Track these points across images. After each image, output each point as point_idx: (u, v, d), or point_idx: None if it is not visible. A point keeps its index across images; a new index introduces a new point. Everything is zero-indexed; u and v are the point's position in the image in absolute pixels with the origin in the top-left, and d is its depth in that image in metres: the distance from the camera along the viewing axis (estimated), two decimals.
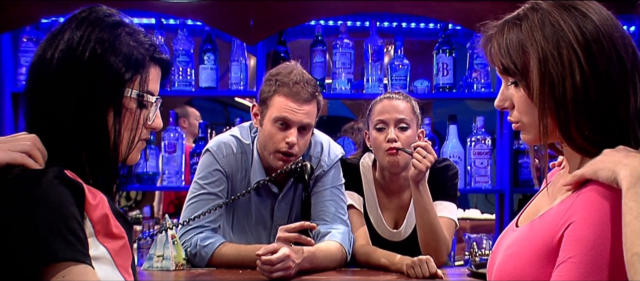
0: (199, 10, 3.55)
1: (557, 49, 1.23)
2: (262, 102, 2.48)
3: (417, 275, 2.31)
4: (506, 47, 1.28)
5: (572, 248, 1.18)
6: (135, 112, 1.39)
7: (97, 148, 1.35)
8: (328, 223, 2.53)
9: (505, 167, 3.79)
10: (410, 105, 2.60)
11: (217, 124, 4.53)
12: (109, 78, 1.34)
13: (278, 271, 2.22)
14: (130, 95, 1.37)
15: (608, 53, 1.23)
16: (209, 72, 3.72)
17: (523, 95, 1.28)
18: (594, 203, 1.19)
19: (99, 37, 1.35)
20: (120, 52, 1.36)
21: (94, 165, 1.36)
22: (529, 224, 1.29)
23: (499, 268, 1.29)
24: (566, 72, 1.22)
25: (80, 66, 1.33)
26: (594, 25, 1.24)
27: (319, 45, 3.77)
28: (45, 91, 1.34)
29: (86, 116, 1.33)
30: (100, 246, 1.31)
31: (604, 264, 1.16)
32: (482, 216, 4.67)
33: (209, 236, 2.48)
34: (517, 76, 1.28)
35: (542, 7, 1.27)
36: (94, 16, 1.38)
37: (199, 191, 2.53)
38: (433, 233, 2.51)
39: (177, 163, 3.72)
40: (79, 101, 1.32)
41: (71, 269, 1.23)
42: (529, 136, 1.32)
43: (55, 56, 1.34)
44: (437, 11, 3.69)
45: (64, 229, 1.23)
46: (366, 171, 2.70)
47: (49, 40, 1.37)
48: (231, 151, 2.55)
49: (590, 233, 1.17)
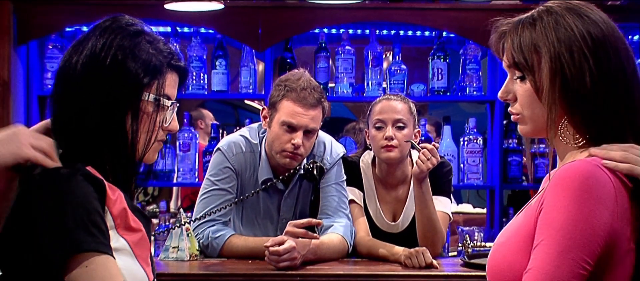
0: (211, 19, 3.55)
1: (569, 51, 1.24)
2: (271, 105, 2.49)
3: (414, 265, 2.31)
4: (519, 44, 1.28)
5: (543, 232, 1.17)
6: (152, 115, 1.38)
7: (116, 147, 1.35)
8: (331, 217, 2.54)
9: (495, 165, 3.78)
10: (407, 106, 2.60)
11: (228, 124, 4.54)
12: (128, 82, 1.34)
13: (284, 261, 2.23)
14: (147, 99, 1.36)
15: (613, 60, 1.24)
16: (221, 76, 3.72)
17: (527, 89, 1.29)
18: (562, 184, 1.18)
19: (120, 44, 1.35)
20: (140, 59, 1.35)
21: (113, 163, 1.35)
22: (517, 217, 1.30)
23: (491, 257, 1.29)
24: (577, 73, 1.23)
25: (102, 71, 1.33)
26: (602, 32, 1.25)
27: (323, 52, 3.77)
28: (70, 93, 1.34)
29: (107, 118, 1.33)
30: (121, 239, 1.31)
31: (573, 244, 1.15)
32: (474, 210, 4.67)
33: (220, 229, 2.48)
34: (527, 71, 1.28)
35: (556, 11, 1.28)
36: (117, 25, 1.38)
37: (211, 187, 2.53)
38: (431, 226, 2.51)
39: (191, 161, 3.72)
40: (100, 103, 1.33)
41: (94, 259, 1.23)
42: (526, 128, 1.33)
43: (80, 61, 1.34)
44: (432, 20, 3.69)
45: (87, 222, 1.23)
46: (366, 168, 2.70)
47: (74, 47, 1.37)
48: (240, 150, 2.55)
49: (558, 214, 1.16)
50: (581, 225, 1.15)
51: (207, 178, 2.57)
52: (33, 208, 1.26)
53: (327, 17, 3.66)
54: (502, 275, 1.24)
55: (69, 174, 1.27)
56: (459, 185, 3.78)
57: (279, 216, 2.59)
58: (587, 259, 1.15)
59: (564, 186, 1.18)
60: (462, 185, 3.81)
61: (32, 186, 1.27)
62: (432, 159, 2.44)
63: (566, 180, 1.18)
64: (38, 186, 1.27)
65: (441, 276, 2.26)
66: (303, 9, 3.62)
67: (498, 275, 1.25)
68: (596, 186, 1.17)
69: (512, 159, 3.75)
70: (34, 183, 1.27)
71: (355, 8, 3.54)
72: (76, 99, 1.33)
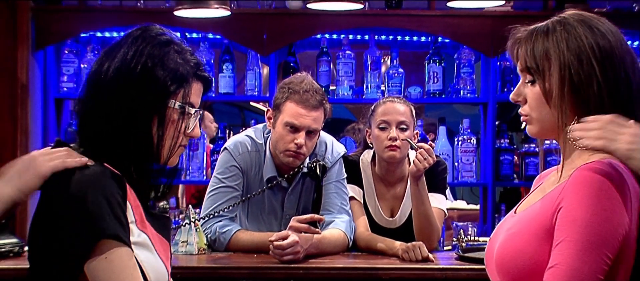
0: (218, 25, 3.55)
1: (578, 60, 1.25)
2: (275, 107, 2.48)
3: (411, 259, 2.31)
4: (532, 51, 1.30)
5: (566, 229, 1.18)
6: (177, 121, 1.37)
7: (140, 150, 1.34)
8: (332, 213, 2.53)
9: (488, 163, 3.78)
10: (409, 109, 2.60)
11: (234, 125, 4.52)
12: (156, 89, 1.34)
13: (288, 255, 2.23)
14: (173, 106, 1.36)
15: (619, 70, 1.26)
16: (228, 79, 3.72)
17: (537, 93, 1.30)
18: (583, 184, 1.19)
19: (150, 53, 1.35)
20: (168, 67, 1.35)
21: (136, 166, 1.35)
22: (529, 209, 1.30)
23: (501, 246, 1.29)
24: (585, 80, 1.25)
25: (131, 77, 1.33)
26: (610, 44, 1.27)
27: (324, 56, 3.77)
28: (100, 97, 1.34)
29: (133, 122, 1.33)
30: (142, 234, 1.31)
31: (598, 240, 1.16)
32: (467, 206, 4.66)
33: (227, 225, 2.48)
34: (537, 75, 1.29)
35: (569, 22, 1.29)
36: (148, 34, 1.38)
37: (218, 184, 2.53)
38: (427, 222, 2.51)
39: (199, 160, 3.72)
40: (128, 107, 1.32)
41: (115, 250, 1.23)
42: (533, 129, 1.34)
43: (111, 67, 1.34)
44: (428, 26, 3.69)
45: (111, 211, 1.23)
46: (365, 166, 2.69)
47: (106, 53, 1.37)
48: (246, 149, 2.55)
49: (582, 212, 1.17)
50: (603, 223, 1.16)
51: (214, 176, 2.57)
52: (56, 202, 1.26)
53: (329, 23, 3.66)
54: (515, 262, 1.24)
55: (91, 170, 1.27)
56: (454, 183, 3.77)
57: (283, 212, 2.59)
58: (609, 255, 1.17)
59: (584, 186, 1.19)
60: (457, 183, 3.80)
61: (54, 183, 1.28)
62: (428, 159, 2.44)
63: (586, 180, 1.19)
64: (61, 180, 1.27)
65: (437, 270, 2.26)
66: (306, 15, 3.62)
67: (510, 262, 1.25)
68: (614, 187, 1.18)
69: (504, 158, 3.75)
70: (57, 180, 1.28)
71: (355, 15, 3.54)
72: (106, 103, 1.33)
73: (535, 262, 1.20)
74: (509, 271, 1.25)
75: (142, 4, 3.72)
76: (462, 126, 3.75)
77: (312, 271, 2.22)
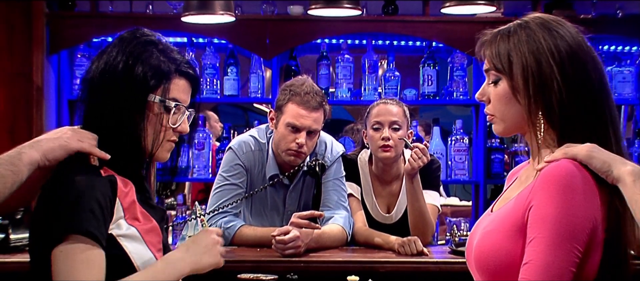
0: (223, 30, 3.54)
1: (537, 62, 1.25)
2: (277, 108, 2.48)
3: (407, 252, 2.31)
4: (497, 53, 1.30)
5: (537, 226, 1.18)
6: (159, 115, 1.38)
7: (126, 141, 1.36)
8: (332, 209, 2.53)
9: (480, 162, 3.78)
10: (402, 109, 2.60)
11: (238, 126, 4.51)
12: (136, 85, 1.35)
13: (289, 249, 2.23)
14: (153, 100, 1.37)
15: (579, 71, 1.25)
16: (232, 82, 3.72)
17: (499, 92, 1.30)
18: (551, 181, 1.19)
19: (131, 51, 1.36)
20: (148, 64, 1.36)
21: (124, 157, 1.36)
22: (503, 208, 1.30)
23: (478, 244, 1.29)
24: (545, 82, 1.24)
25: (114, 76, 1.35)
26: (569, 47, 1.26)
27: (324, 60, 3.77)
28: (91, 97, 1.37)
29: (118, 116, 1.34)
30: (131, 227, 1.32)
31: (567, 235, 1.16)
32: (460, 203, 4.65)
33: (232, 220, 2.48)
34: (503, 74, 1.29)
35: (530, 26, 1.29)
36: (132, 36, 1.40)
37: (223, 182, 2.52)
38: (421, 218, 2.51)
39: (205, 159, 3.72)
40: (113, 103, 1.34)
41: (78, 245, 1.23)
42: (498, 127, 1.34)
43: (98, 68, 1.37)
44: (422, 31, 3.69)
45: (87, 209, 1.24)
46: (363, 165, 2.69)
47: (97, 57, 1.40)
48: (250, 148, 2.55)
49: (551, 209, 1.17)
50: (571, 219, 1.16)
51: (220, 173, 2.56)
52: (47, 193, 1.29)
53: (328, 28, 3.65)
54: (491, 258, 1.24)
55: (83, 167, 1.29)
56: (447, 180, 3.77)
57: (285, 208, 2.59)
58: (579, 248, 1.17)
59: (552, 184, 1.19)
60: (450, 180, 3.80)
61: (61, 172, 1.30)
62: (423, 157, 2.44)
63: (554, 178, 1.19)
64: (55, 174, 1.29)
65: (431, 263, 2.25)
66: (306, 21, 3.62)
67: (487, 259, 1.25)
68: (580, 183, 1.19)
69: (495, 156, 3.74)
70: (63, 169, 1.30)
71: (354, 21, 3.53)
72: (96, 101, 1.36)
73: (511, 259, 1.20)
74: (488, 268, 1.25)
75: (151, 11, 3.72)
76: (455, 126, 3.74)
77: (312, 265, 2.22)
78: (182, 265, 1.33)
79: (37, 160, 1.26)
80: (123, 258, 1.29)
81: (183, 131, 1.42)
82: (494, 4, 2.94)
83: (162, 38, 1.42)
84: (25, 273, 1.36)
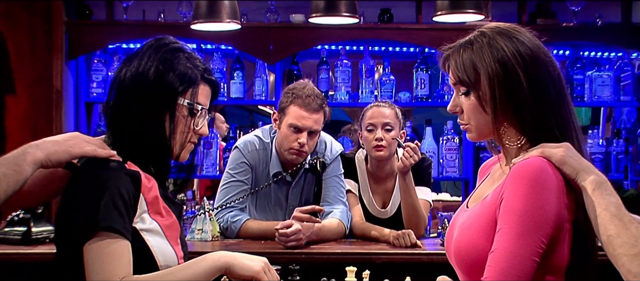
0: (230, 37, 3.54)
1: (503, 69, 1.23)
2: (280, 110, 2.47)
3: (401, 245, 2.30)
4: (462, 65, 1.27)
5: (505, 218, 1.17)
6: (186, 118, 1.38)
7: (155, 145, 1.35)
8: (331, 204, 2.52)
9: (469, 160, 3.78)
10: (394, 111, 2.59)
11: (244, 126, 4.51)
12: (167, 89, 1.35)
13: (292, 241, 2.22)
14: (182, 103, 1.37)
15: (541, 72, 1.23)
16: (238, 86, 3.72)
17: (471, 103, 1.28)
18: (521, 177, 1.18)
19: (162, 58, 1.36)
20: (177, 70, 1.36)
21: (152, 157, 1.36)
22: (479, 204, 1.28)
23: (456, 240, 1.28)
24: (513, 86, 1.22)
25: (146, 80, 1.34)
26: (530, 50, 1.24)
27: (324, 65, 3.77)
28: (122, 100, 1.36)
29: (149, 119, 1.34)
30: (153, 222, 1.31)
31: (533, 227, 1.15)
32: (451, 198, 4.65)
33: (238, 214, 2.47)
34: (470, 87, 1.27)
35: (488, 35, 1.27)
36: (161, 43, 1.40)
37: (229, 179, 2.52)
38: (414, 212, 2.50)
39: (213, 157, 3.72)
40: (145, 107, 1.34)
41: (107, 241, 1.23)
42: (472, 135, 1.32)
43: (129, 73, 1.36)
44: (416, 38, 3.69)
45: (112, 206, 1.24)
46: (360, 163, 2.69)
47: (126, 63, 1.39)
48: (255, 147, 2.54)
49: (519, 203, 1.16)
50: (537, 212, 1.16)
51: (226, 171, 2.56)
52: (77, 189, 1.28)
53: (328, 35, 3.65)
54: (468, 255, 1.24)
55: (112, 166, 1.28)
56: (439, 177, 3.77)
57: (287, 203, 2.58)
58: (543, 240, 1.16)
59: (522, 179, 1.18)
60: (441, 177, 3.80)
61: (82, 171, 1.29)
62: (414, 156, 2.44)
63: (523, 174, 1.18)
64: (82, 172, 1.29)
65: (424, 254, 2.25)
66: (307, 29, 3.62)
67: (464, 255, 1.25)
68: (547, 179, 1.18)
69: (484, 155, 3.74)
70: (84, 169, 1.30)
71: (351, 28, 3.53)
72: (126, 105, 1.35)
73: (486, 254, 1.19)
74: (466, 262, 1.24)
75: (162, 19, 3.71)
76: (446, 127, 3.74)
77: (313, 256, 2.22)
78: (218, 256, 1.28)
79: (41, 160, 1.24)
80: (145, 251, 1.29)
81: (204, 134, 1.42)
82: (482, 13, 2.95)
83: (186, 46, 1.43)
84: (47, 264, 1.36)
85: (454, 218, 1.36)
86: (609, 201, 1.15)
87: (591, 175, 1.18)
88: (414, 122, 4.45)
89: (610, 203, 1.15)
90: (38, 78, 3.53)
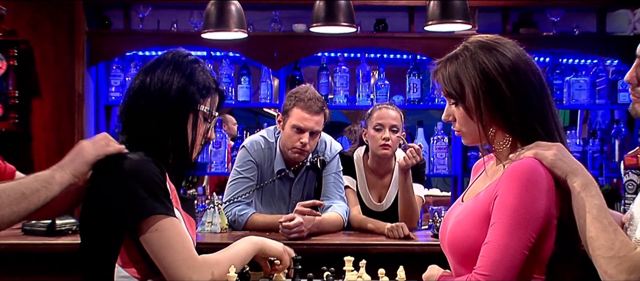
0: (238, 45, 3.54)
1: (486, 80, 1.23)
2: (284, 112, 2.47)
3: (395, 236, 2.30)
4: (448, 78, 1.28)
5: (499, 213, 1.18)
6: (205, 123, 1.41)
7: (178, 147, 1.37)
8: (330, 199, 2.52)
9: (458, 158, 3.77)
10: (399, 114, 2.60)
11: (250, 127, 4.51)
12: (190, 98, 1.37)
13: (294, 233, 2.22)
14: (203, 109, 1.39)
15: (523, 81, 1.23)
16: (245, 90, 3.72)
17: (461, 112, 1.28)
18: (514, 176, 1.18)
19: (183, 70, 1.38)
20: (196, 81, 1.38)
21: (175, 159, 1.37)
22: (473, 199, 1.28)
23: (451, 231, 1.27)
24: (495, 95, 1.23)
25: (170, 91, 1.35)
26: (510, 60, 1.24)
27: (324, 71, 3.76)
28: (145, 106, 1.36)
29: (173, 124, 1.35)
30: (176, 210, 1.32)
31: (524, 222, 1.15)
32: (441, 193, 4.65)
33: (244, 208, 2.47)
34: (457, 99, 1.28)
35: (471, 49, 1.27)
36: (180, 55, 1.41)
37: (237, 175, 2.51)
38: (410, 207, 2.51)
39: (221, 155, 3.71)
40: (169, 114, 1.35)
41: (161, 223, 1.24)
42: (467, 140, 1.33)
43: (153, 83, 1.36)
44: (409, 46, 3.68)
45: (156, 191, 1.25)
46: (358, 161, 2.68)
47: (146, 71, 1.39)
48: (260, 147, 2.54)
49: (511, 199, 1.16)
50: (529, 209, 1.16)
51: (234, 168, 2.55)
52: (108, 183, 1.26)
53: (328, 44, 3.65)
54: (462, 244, 1.24)
55: (138, 155, 1.29)
56: (430, 174, 3.76)
57: (290, 198, 2.58)
58: (532, 234, 1.16)
59: (515, 178, 1.18)
60: (432, 174, 3.79)
61: (104, 167, 1.28)
62: (417, 156, 2.45)
63: (517, 174, 1.19)
64: (112, 166, 1.27)
65: (416, 245, 2.25)
66: (309, 37, 3.61)
67: (458, 244, 1.25)
68: (539, 179, 1.18)
69: (471, 153, 3.74)
70: (106, 165, 1.28)
71: (349, 37, 3.52)
72: (150, 110, 1.35)
73: (478, 245, 1.19)
74: (459, 252, 1.24)
75: (175, 28, 3.71)
76: (436, 128, 3.74)
77: (314, 247, 2.21)
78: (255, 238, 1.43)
79: (68, 180, 1.26)
80: None
81: (212, 138, 1.45)
82: (469, 23, 2.95)
83: (197, 56, 1.45)
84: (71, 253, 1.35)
85: (450, 210, 1.36)
86: (593, 204, 1.15)
87: (579, 177, 1.18)
88: (407, 123, 4.44)
89: (593, 206, 1.15)
90: (61, 83, 3.53)
